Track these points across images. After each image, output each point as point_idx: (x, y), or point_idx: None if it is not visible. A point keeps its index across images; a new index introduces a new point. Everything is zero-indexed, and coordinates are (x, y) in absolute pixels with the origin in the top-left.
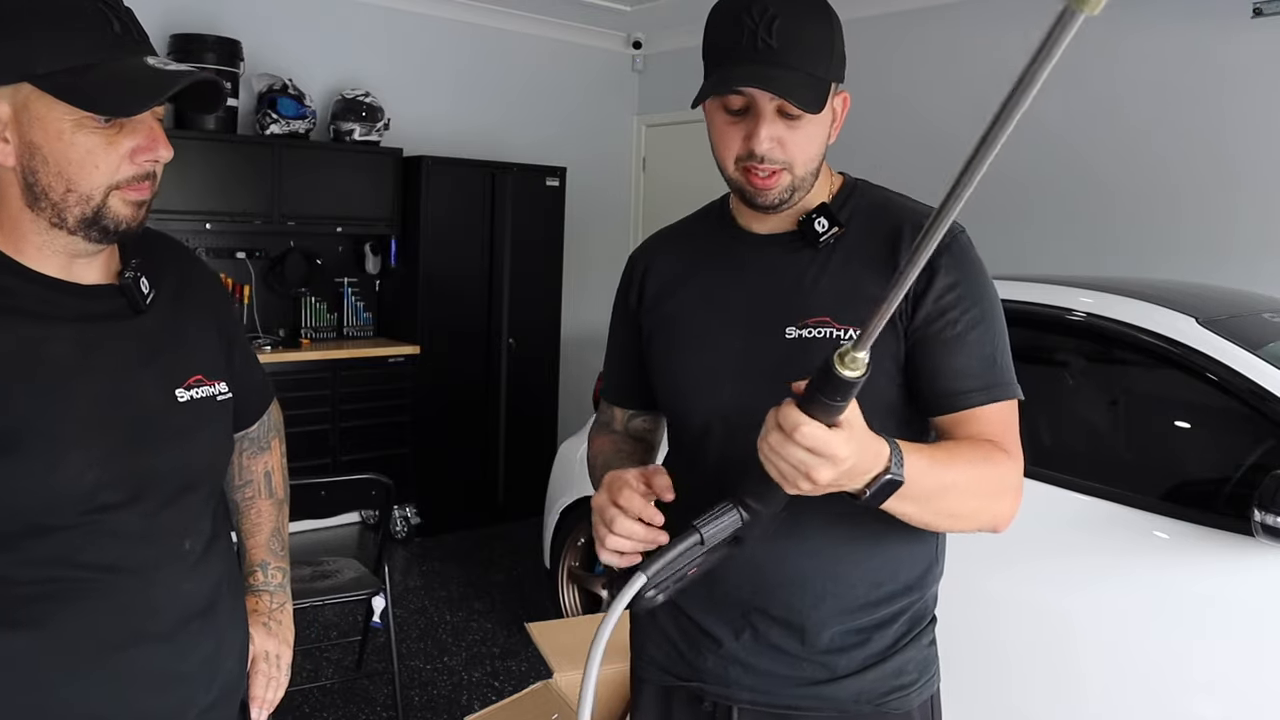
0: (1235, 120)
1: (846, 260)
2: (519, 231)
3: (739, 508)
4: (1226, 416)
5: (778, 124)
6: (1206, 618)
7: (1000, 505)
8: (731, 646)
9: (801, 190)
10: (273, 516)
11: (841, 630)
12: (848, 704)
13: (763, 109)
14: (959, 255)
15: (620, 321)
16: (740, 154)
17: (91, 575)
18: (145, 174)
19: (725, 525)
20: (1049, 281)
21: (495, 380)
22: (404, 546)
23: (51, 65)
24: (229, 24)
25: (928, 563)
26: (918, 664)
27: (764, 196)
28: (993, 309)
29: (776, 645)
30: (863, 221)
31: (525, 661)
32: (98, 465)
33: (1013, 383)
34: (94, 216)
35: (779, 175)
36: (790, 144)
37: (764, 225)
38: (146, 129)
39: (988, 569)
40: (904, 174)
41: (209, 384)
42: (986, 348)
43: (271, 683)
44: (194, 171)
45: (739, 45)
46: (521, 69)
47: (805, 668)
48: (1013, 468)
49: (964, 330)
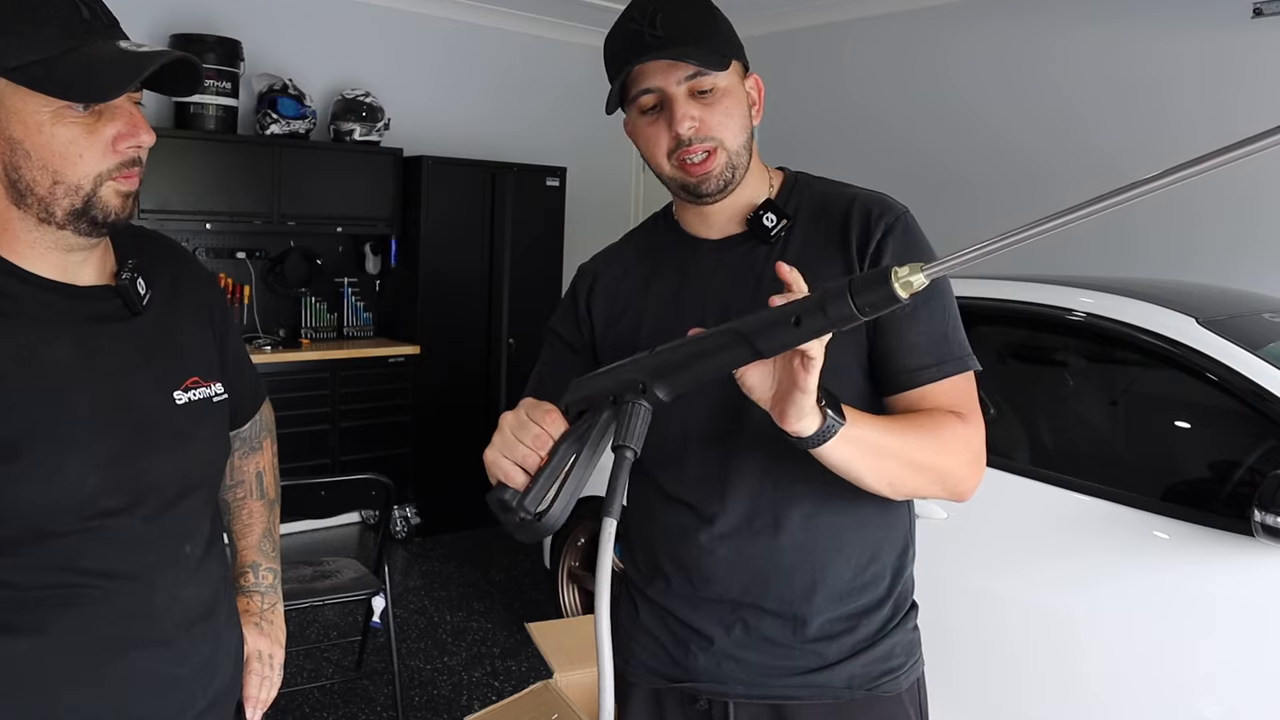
0: (1236, 120)
1: (802, 251)
2: (519, 231)
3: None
4: (1226, 416)
5: (693, 104)
6: (1206, 618)
7: (957, 463)
8: (723, 643)
9: (740, 169)
10: (264, 517)
11: (831, 617)
12: (841, 690)
13: (673, 93)
14: (903, 235)
15: (564, 330)
16: (669, 146)
17: (92, 581)
18: (131, 160)
19: (641, 423)
20: (1049, 281)
21: (495, 380)
22: (404, 546)
23: (23, 57)
24: (229, 24)
25: (904, 542)
26: (904, 647)
27: (706, 182)
28: (944, 285)
29: (769, 637)
30: (810, 211)
31: (525, 661)
32: (98, 470)
33: (967, 356)
34: (84, 208)
35: (713, 156)
36: (711, 121)
37: (712, 230)
38: (126, 114)
39: (988, 569)
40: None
41: (205, 385)
42: (938, 325)
43: (265, 682)
44: (194, 171)
45: (630, 46)
46: (522, 69)
47: (798, 657)
48: (967, 430)
49: (913, 308)
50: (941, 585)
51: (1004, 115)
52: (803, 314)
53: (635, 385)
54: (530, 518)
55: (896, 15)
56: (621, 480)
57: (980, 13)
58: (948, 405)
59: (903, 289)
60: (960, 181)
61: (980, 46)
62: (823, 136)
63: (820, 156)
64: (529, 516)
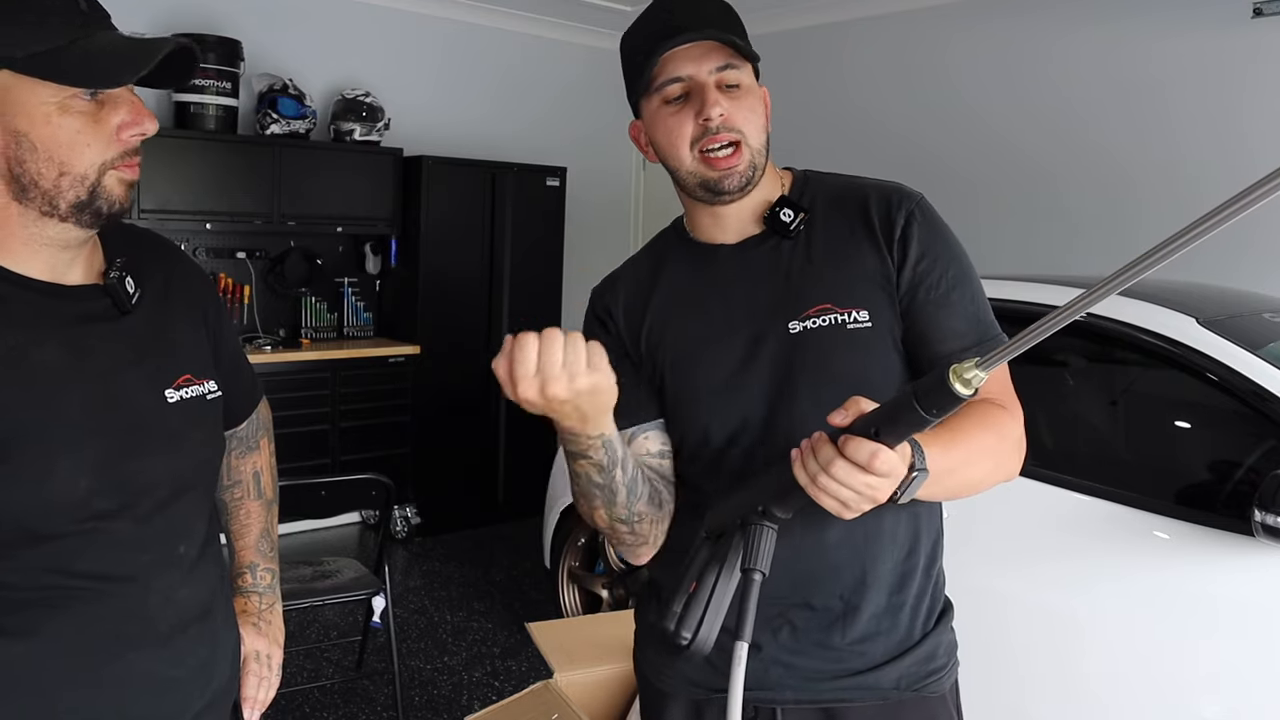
0: (1236, 120)
1: (826, 242)
2: (519, 231)
3: (765, 523)
4: (1227, 416)
5: (721, 96)
6: (1207, 618)
7: (1009, 462)
8: (771, 649)
9: (759, 170)
10: (261, 517)
11: (876, 613)
12: (890, 691)
13: (704, 80)
14: (926, 220)
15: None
16: (695, 134)
17: (86, 583)
18: (133, 149)
19: (768, 545)
20: (1049, 281)
21: (495, 380)
22: (404, 546)
23: (29, 48)
24: (229, 24)
25: (937, 530)
26: (946, 648)
27: (730, 178)
28: (968, 267)
29: (817, 639)
30: (826, 203)
31: (525, 661)
32: (90, 471)
33: (1000, 335)
34: (89, 199)
35: (738, 151)
36: (737, 115)
37: (728, 233)
38: (128, 103)
39: (988, 569)
40: None
41: (198, 383)
42: (970, 305)
43: (263, 683)
44: (194, 171)
45: (657, 30)
46: (522, 69)
47: (846, 659)
48: (1013, 423)
49: (947, 290)
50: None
51: (1005, 115)
52: (880, 425)
53: (756, 508)
54: (686, 642)
55: (897, 15)
56: (751, 602)
57: (981, 13)
58: (988, 390)
59: (964, 387)
60: (961, 181)
61: (981, 46)
62: (823, 136)
63: (820, 156)
64: (685, 641)
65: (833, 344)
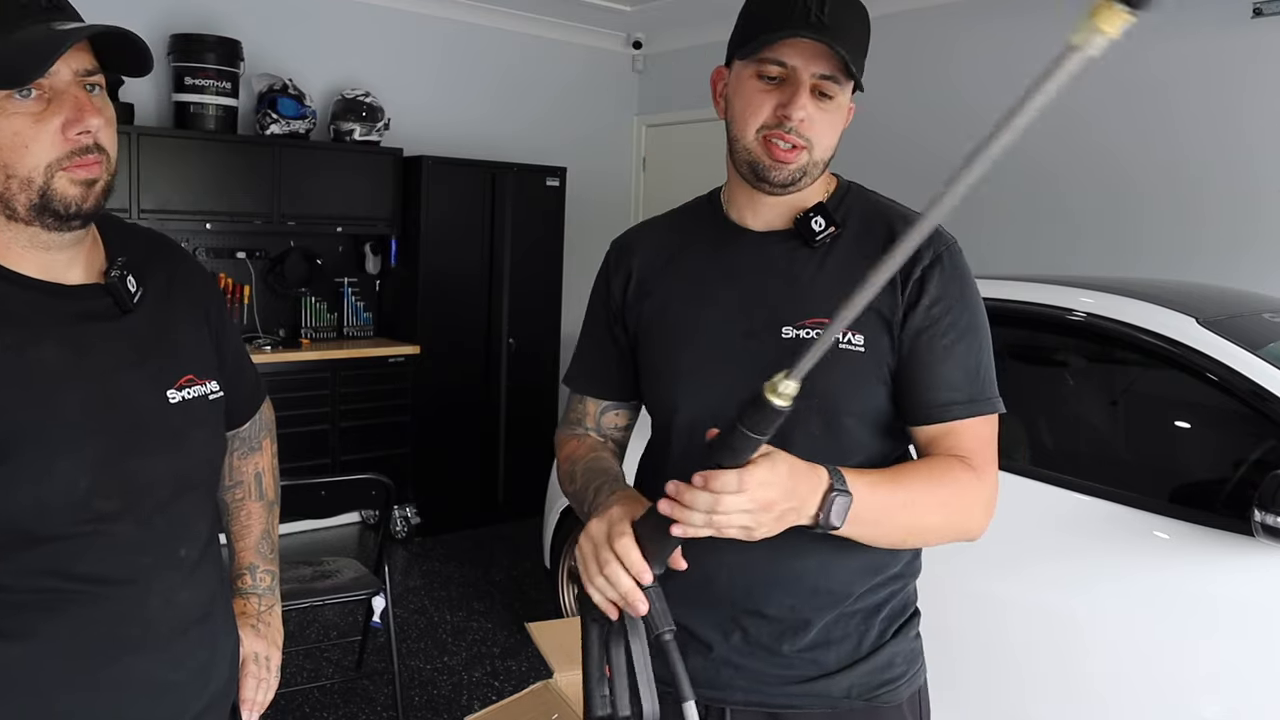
0: (1237, 119)
1: (844, 262)
2: (519, 231)
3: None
4: (1226, 416)
5: (810, 101)
6: (1207, 618)
7: (967, 520)
8: (722, 649)
9: (810, 176)
10: (262, 519)
11: (830, 624)
12: (839, 700)
13: (802, 79)
14: (951, 267)
15: (599, 308)
16: (768, 121)
17: (85, 586)
18: (83, 148)
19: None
20: (1049, 281)
21: (495, 380)
22: (404, 546)
23: None
24: (229, 24)
25: (912, 553)
26: (905, 656)
27: (779, 171)
28: (982, 323)
29: (767, 645)
30: (858, 223)
31: (525, 661)
32: (90, 472)
33: (995, 397)
34: (41, 201)
35: (799, 152)
36: (817, 124)
37: (759, 220)
38: (72, 100)
39: (987, 570)
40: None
41: (200, 383)
42: (972, 360)
43: (261, 685)
44: (194, 171)
45: (792, 15)
46: (522, 69)
47: (796, 665)
48: (977, 484)
49: (952, 341)
50: (941, 586)
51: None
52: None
53: None
54: None
55: (898, 15)
56: (677, 663)
57: (982, 12)
58: (964, 448)
59: (779, 399)
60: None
61: (982, 46)
62: None
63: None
64: None
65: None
